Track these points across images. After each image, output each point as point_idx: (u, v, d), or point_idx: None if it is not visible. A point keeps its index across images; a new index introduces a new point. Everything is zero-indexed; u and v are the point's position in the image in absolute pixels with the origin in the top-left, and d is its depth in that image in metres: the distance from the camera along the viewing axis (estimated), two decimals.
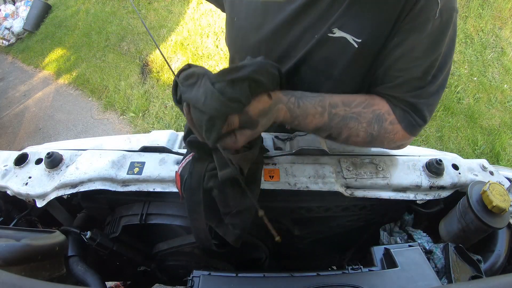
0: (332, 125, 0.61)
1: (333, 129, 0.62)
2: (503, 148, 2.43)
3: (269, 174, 0.67)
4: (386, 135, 0.64)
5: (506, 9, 3.19)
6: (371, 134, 0.63)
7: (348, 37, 0.59)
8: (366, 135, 0.63)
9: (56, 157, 0.70)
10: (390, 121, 0.63)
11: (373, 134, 0.63)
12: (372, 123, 0.62)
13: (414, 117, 0.63)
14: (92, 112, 3.17)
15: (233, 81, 0.47)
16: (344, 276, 0.50)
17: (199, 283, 0.47)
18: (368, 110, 0.62)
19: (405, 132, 0.64)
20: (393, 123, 0.63)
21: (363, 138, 0.63)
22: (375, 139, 0.64)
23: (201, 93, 0.46)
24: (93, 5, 4.47)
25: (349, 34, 0.59)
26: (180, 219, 0.70)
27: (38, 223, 0.81)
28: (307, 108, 0.60)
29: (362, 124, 0.62)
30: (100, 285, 0.64)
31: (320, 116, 0.60)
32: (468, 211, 0.62)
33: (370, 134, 0.63)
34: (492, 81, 2.87)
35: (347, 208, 0.74)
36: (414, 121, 0.64)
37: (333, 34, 0.59)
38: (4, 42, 4.58)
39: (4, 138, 3.13)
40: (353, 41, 0.59)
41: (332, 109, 0.61)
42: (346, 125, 0.62)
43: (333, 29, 0.59)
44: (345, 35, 0.59)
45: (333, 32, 0.59)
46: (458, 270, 0.56)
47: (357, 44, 0.59)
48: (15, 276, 0.29)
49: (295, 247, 0.89)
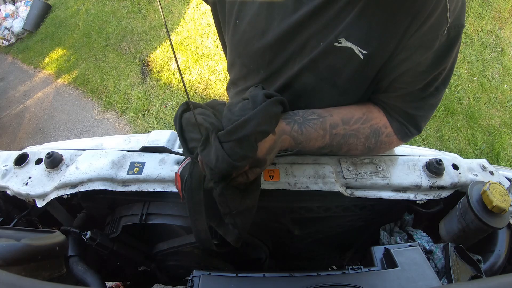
0: (333, 144, 0.65)
1: (334, 147, 0.66)
2: (503, 148, 2.43)
3: (269, 174, 0.67)
4: (382, 146, 0.68)
5: (506, 9, 3.19)
6: (369, 147, 0.68)
7: (355, 48, 0.59)
8: (364, 148, 0.67)
9: (56, 157, 0.70)
10: (387, 134, 0.67)
11: (370, 147, 0.68)
12: (369, 138, 0.67)
13: (410, 128, 0.67)
14: (92, 112, 3.17)
15: (240, 140, 0.50)
16: (344, 276, 0.50)
17: (199, 283, 0.47)
18: (366, 126, 0.66)
19: (400, 141, 0.69)
20: (389, 135, 0.68)
21: (361, 151, 0.68)
22: (372, 150, 0.69)
23: (212, 154, 0.50)
24: (93, 5, 4.47)
25: (355, 45, 0.58)
26: (180, 219, 0.70)
27: (38, 223, 0.81)
28: (310, 133, 0.63)
29: (361, 140, 0.66)
30: (100, 285, 0.64)
31: (322, 138, 0.64)
32: (468, 211, 0.62)
33: (368, 147, 0.67)
34: (492, 81, 2.87)
35: (347, 208, 0.74)
36: (409, 132, 0.68)
37: (340, 44, 0.59)
38: (4, 42, 4.58)
39: (4, 138, 3.13)
40: (359, 52, 0.59)
41: (333, 130, 0.64)
42: (346, 142, 0.66)
43: (339, 39, 0.59)
44: (352, 46, 0.59)
45: (339, 41, 0.59)
46: (458, 270, 0.56)
47: (363, 55, 0.59)
48: (15, 276, 0.29)
49: (295, 247, 0.89)
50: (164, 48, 3.45)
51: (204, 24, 3.55)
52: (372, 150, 0.69)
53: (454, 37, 0.56)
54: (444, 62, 0.59)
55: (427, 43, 0.56)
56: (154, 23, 3.77)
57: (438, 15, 0.53)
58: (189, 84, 3.04)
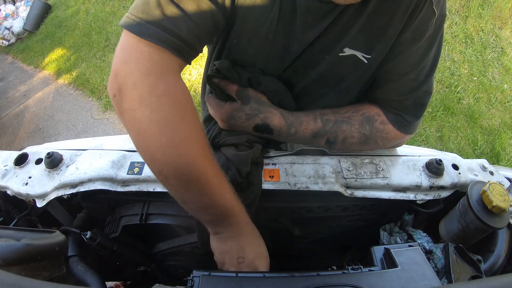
0: (326, 130, 0.66)
1: (329, 133, 0.67)
2: (503, 148, 2.43)
3: (269, 174, 0.67)
4: (378, 134, 0.68)
5: (506, 9, 3.19)
6: (364, 134, 0.68)
7: (359, 54, 0.60)
8: (360, 135, 0.68)
9: (56, 157, 0.70)
10: (381, 121, 0.68)
11: (366, 134, 0.68)
12: (363, 124, 0.67)
13: (406, 117, 0.68)
14: (92, 112, 3.17)
15: None
16: (344, 276, 0.50)
17: (199, 283, 0.47)
18: (358, 114, 0.67)
19: (398, 131, 0.69)
20: (384, 123, 0.68)
21: (358, 139, 0.68)
22: (369, 138, 0.68)
23: None
24: (93, 5, 4.47)
25: (359, 51, 0.60)
26: (180, 219, 0.70)
27: (38, 223, 0.81)
28: (300, 116, 0.65)
29: (355, 126, 0.67)
30: (100, 285, 0.64)
31: (314, 122, 0.65)
32: (468, 211, 0.62)
33: (364, 134, 0.68)
34: (492, 81, 2.87)
35: (347, 208, 0.74)
36: (406, 121, 0.68)
37: (344, 53, 0.61)
38: (4, 42, 4.58)
39: (4, 138, 3.13)
40: (363, 58, 0.60)
41: (324, 116, 0.66)
42: (340, 128, 0.67)
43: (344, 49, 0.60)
44: (355, 53, 0.60)
45: (343, 51, 0.60)
46: (458, 270, 0.56)
47: (367, 60, 0.61)
48: (15, 276, 0.29)
49: (295, 247, 0.89)
50: None
51: None
52: (369, 139, 0.69)
53: (439, 26, 0.60)
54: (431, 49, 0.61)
55: (418, 36, 0.59)
56: None
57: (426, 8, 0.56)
58: (189, 84, 3.04)
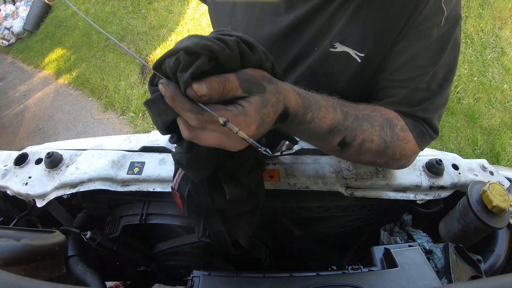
0: (347, 125, 0.52)
1: (348, 130, 0.53)
2: (503, 148, 2.43)
3: (269, 174, 0.67)
4: (398, 143, 0.58)
5: (506, 9, 3.19)
6: (385, 140, 0.56)
7: (351, 52, 0.57)
8: (380, 140, 0.56)
9: (56, 157, 0.70)
10: (401, 127, 0.58)
11: (386, 140, 0.56)
12: (384, 127, 0.56)
13: (426, 127, 0.60)
14: (92, 112, 3.17)
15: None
16: (344, 276, 0.50)
17: (199, 283, 0.47)
18: (377, 114, 0.57)
19: (416, 142, 0.59)
20: (404, 129, 0.58)
21: (377, 145, 0.56)
22: (388, 146, 0.57)
23: None
24: (93, 5, 4.47)
25: (351, 48, 0.57)
26: (180, 219, 0.70)
27: (38, 223, 0.81)
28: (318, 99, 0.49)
29: (375, 127, 0.55)
30: (100, 285, 0.64)
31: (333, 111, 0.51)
32: (468, 211, 0.62)
33: (384, 140, 0.56)
34: (492, 81, 2.87)
35: (347, 208, 0.74)
36: (426, 131, 0.60)
37: (335, 49, 0.57)
38: (4, 42, 4.58)
39: (4, 138, 3.13)
40: (355, 56, 0.57)
41: (343, 107, 0.53)
42: (361, 127, 0.54)
43: (334, 44, 0.57)
44: (348, 50, 0.57)
45: (334, 46, 0.57)
46: (458, 270, 0.56)
47: (360, 58, 0.57)
48: (15, 276, 0.29)
49: (295, 247, 0.89)
50: (164, 48, 3.45)
51: (204, 24, 3.55)
52: (388, 147, 0.57)
53: (452, 28, 0.55)
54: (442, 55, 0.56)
55: (422, 34, 0.54)
56: (154, 23, 3.77)
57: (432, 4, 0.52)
58: None
